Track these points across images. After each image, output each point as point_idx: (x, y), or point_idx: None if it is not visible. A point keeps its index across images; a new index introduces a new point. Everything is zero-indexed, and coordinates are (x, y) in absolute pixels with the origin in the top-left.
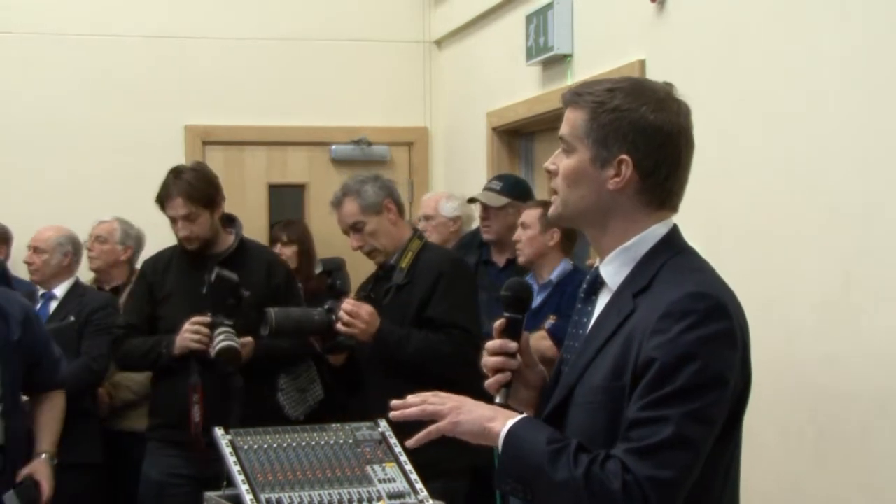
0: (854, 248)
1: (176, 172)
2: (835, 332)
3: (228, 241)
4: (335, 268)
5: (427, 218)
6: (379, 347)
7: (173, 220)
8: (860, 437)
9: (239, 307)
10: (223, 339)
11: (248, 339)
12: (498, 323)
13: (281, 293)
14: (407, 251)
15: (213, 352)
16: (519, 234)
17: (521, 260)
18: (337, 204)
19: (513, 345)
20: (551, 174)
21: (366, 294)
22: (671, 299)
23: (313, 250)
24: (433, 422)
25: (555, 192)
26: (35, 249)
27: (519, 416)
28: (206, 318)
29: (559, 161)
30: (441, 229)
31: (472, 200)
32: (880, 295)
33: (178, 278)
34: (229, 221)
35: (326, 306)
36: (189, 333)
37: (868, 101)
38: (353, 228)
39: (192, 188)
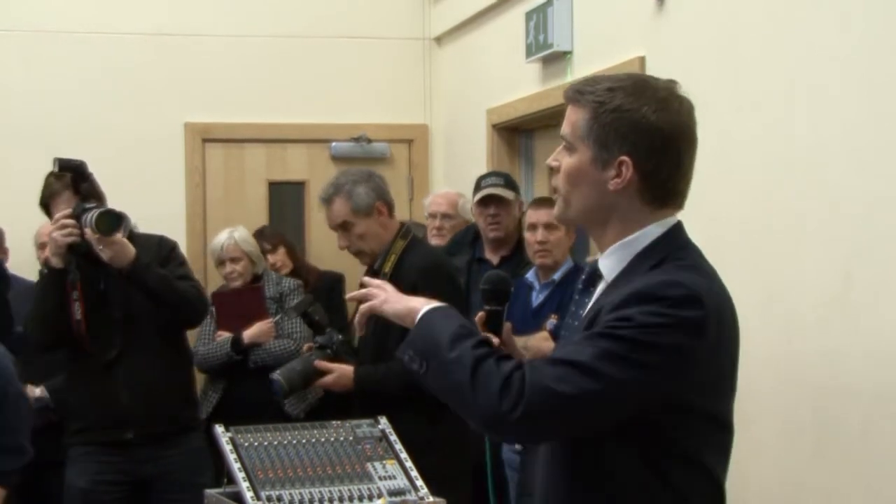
0: (854, 244)
1: (55, 175)
2: (835, 329)
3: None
4: (309, 304)
5: (445, 216)
6: (362, 394)
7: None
8: (861, 434)
9: (92, 185)
10: (94, 212)
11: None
12: (478, 316)
13: (166, 261)
14: (390, 254)
15: (91, 228)
16: (544, 235)
17: (548, 261)
18: (327, 201)
19: (495, 340)
20: (554, 171)
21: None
22: (646, 283)
23: (294, 245)
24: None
25: (556, 189)
26: (43, 245)
27: (445, 304)
28: (68, 211)
29: (561, 158)
30: (457, 229)
31: (488, 198)
32: (881, 291)
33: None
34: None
35: (317, 345)
36: (58, 233)
37: (868, 98)
38: (342, 227)
39: (75, 178)
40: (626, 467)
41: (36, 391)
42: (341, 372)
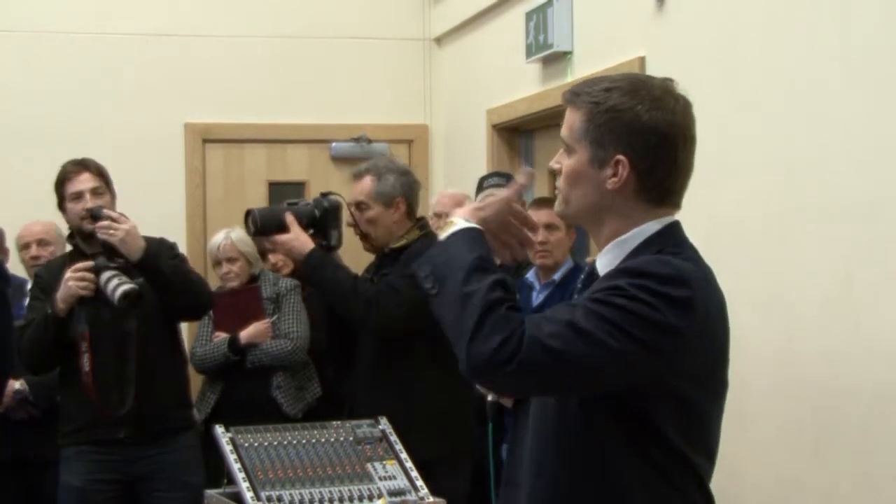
0: (855, 244)
1: (75, 160)
2: (835, 328)
3: None
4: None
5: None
6: (305, 267)
7: (77, 197)
8: (861, 433)
9: (115, 251)
10: (119, 283)
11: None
12: None
13: (171, 260)
14: (402, 237)
15: (115, 298)
16: (545, 235)
17: (548, 262)
18: (357, 176)
19: None
20: (557, 173)
21: (368, 277)
22: (636, 260)
23: None
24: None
25: (557, 189)
26: (40, 242)
27: (474, 227)
28: (89, 263)
29: (562, 160)
30: None
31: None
32: (881, 291)
33: None
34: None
35: (311, 202)
36: (74, 281)
37: (868, 98)
38: (357, 206)
39: (97, 166)
40: (619, 460)
41: (16, 384)
42: (298, 236)
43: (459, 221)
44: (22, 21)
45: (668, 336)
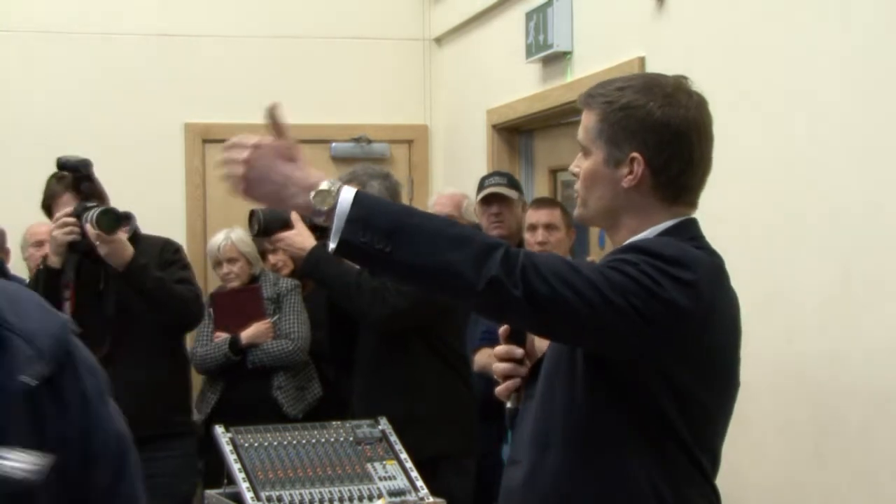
0: (854, 244)
1: (57, 177)
2: (835, 329)
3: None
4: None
5: (449, 217)
6: (308, 263)
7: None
8: (861, 434)
9: (94, 184)
10: (95, 210)
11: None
12: (502, 329)
13: (168, 263)
14: None
15: (92, 224)
16: (544, 235)
17: None
18: None
19: (519, 351)
20: (575, 177)
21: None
22: (644, 239)
23: None
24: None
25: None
26: (40, 244)
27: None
28: (69, 209)
29: (580, 164)
30: None
31: (491, 196)
32: (881, 291)
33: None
34: (125, 219)
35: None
36: (59, 231)
37: (868, 98)
38: None
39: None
40: (623, 446)
41: None
42: (301, 232)
43: (333, 185)
44: (22, 21)
45: (669, 312)
